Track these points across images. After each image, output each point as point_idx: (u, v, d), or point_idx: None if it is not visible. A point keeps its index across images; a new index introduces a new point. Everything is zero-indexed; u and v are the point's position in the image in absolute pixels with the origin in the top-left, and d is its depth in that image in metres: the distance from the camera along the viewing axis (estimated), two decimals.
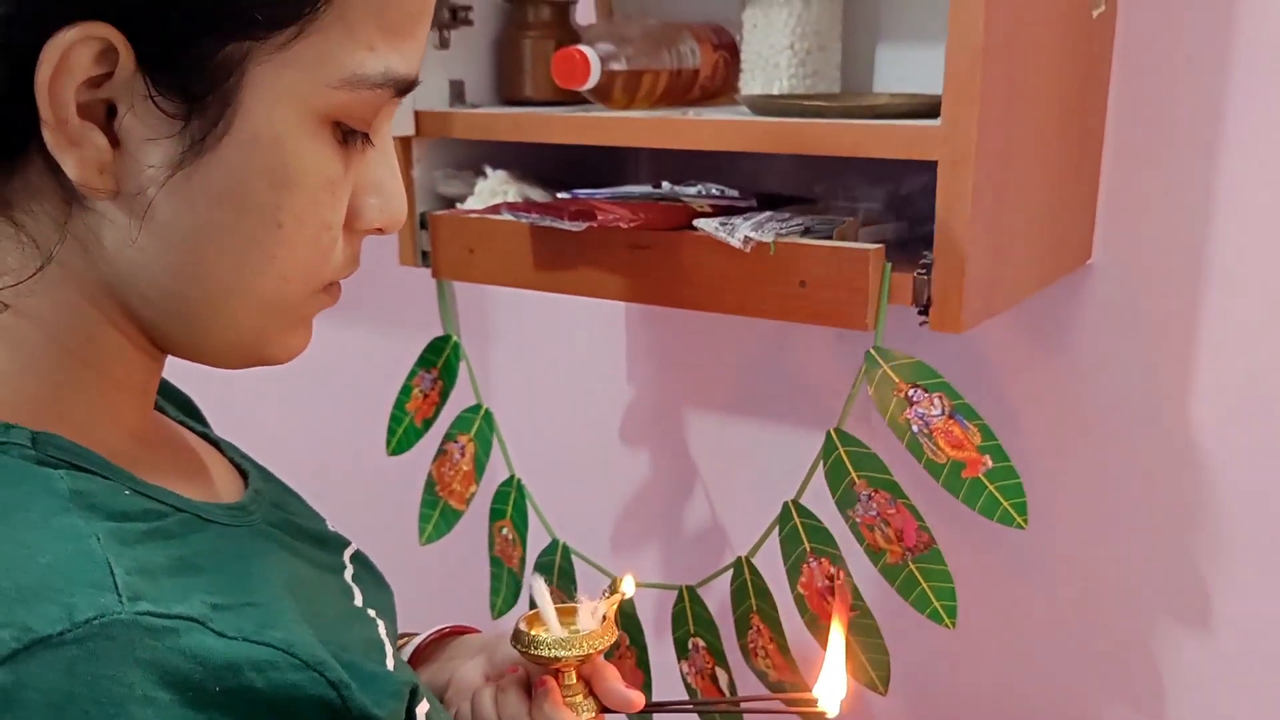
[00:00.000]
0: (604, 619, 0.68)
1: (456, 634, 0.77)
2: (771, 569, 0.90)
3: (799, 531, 0.86)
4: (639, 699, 0.68)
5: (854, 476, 0.81)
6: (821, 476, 0.83)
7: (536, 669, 0.68)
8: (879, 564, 0.82)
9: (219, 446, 0.64)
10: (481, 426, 1.06)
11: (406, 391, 1.07)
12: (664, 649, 1.03)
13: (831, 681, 0.69)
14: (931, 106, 0.73)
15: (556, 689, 0.66)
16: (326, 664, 0.45)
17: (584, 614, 0.68)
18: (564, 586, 1.06)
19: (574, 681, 0.67)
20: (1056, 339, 0.96)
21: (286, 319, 0.52)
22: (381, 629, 0.59)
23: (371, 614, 0.60)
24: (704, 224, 0.80)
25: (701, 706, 0.90)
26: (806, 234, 0.80)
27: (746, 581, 0.93)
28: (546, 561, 1.07)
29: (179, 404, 0.67)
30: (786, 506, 0.87)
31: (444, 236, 0.93)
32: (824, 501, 0.83)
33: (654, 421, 1.23)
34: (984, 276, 0.75)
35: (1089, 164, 0.90)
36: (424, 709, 0.55)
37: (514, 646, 0.67)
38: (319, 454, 1.46)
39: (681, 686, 1.02)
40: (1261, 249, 0.87)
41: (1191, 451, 0.93)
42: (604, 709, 0.68)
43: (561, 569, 1.06)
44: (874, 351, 0.79)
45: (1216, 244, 0.88)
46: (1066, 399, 0.97)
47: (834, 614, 0.75)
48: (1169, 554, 0.96)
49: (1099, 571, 0.99)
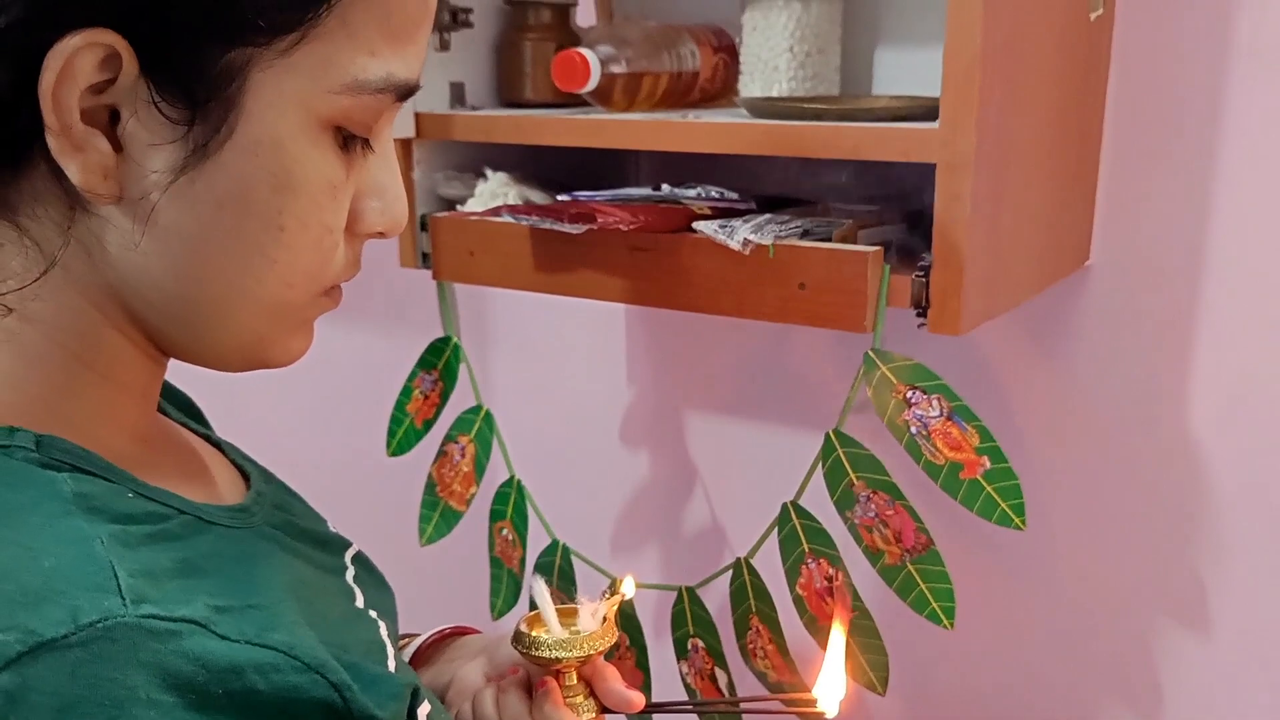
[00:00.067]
0: (604, 620, 0.68)
1: (457, 635, 0.77)
2: (770, 570, 0.90)
3: (798, 532, 0.86)
4: (639, 699, 0.68)
5: (853, 478, 0.81)
6: (820, 478, 0.83)
7: (537, 670, 0.68)
8: (877, 565, 0.82)
9: (220, 448, 0.64)
10: (481, 428, 1.06)
11: (407, 393, 1.07)
12: (663, 649, 1.03)
13: (831, 682, 0.69)
14: (930, 109, 0.73)
15: (557, 690, 0.66)
16: (328, 666, 0.46)
17: (584, 615, 0.68)
18: (564, 587, 1.06)
19: (575, 682, 0.67)
20: (1055, 340, 0.97)
21: (288, 322, 0.52)
22: (383, 630, 0.59)
23: (373, 615, 0.60)
24: (703, 226, 0.81)
25: (701, 707, 0.90)
26: (805, 236, 0.80)
27: (745, 582, 0.93)
28: (546, 562, 1.07)
29: (180, 405, 0.68)
30: (785, 508, 0.87)
31: (445, 238, 0.93)
32: (823, 503, 0.84)
33: (653, 423, 1.24)
34: (982, 279, 0.75)
35: (1087, 166, 0.90)
36: (425, 710, 0.55)
37: (515, 647, 0.67)
38: (319, 455, 1.46)
39: (681, 687, 1.02)
40: (1259, 250, 0.87)
41: (1189, 452, 0.93)
42: (604, 709, 0.68)
43: (561, 570, 1.06)
44: (872, 353, 0.79)
45: (1214, 245, 0.88)
46: (1065, 400, 0.97)
47: (833, 615, 0.75)
48: (1167, 554, 0.96)
49: (1097, 572, 1.00)
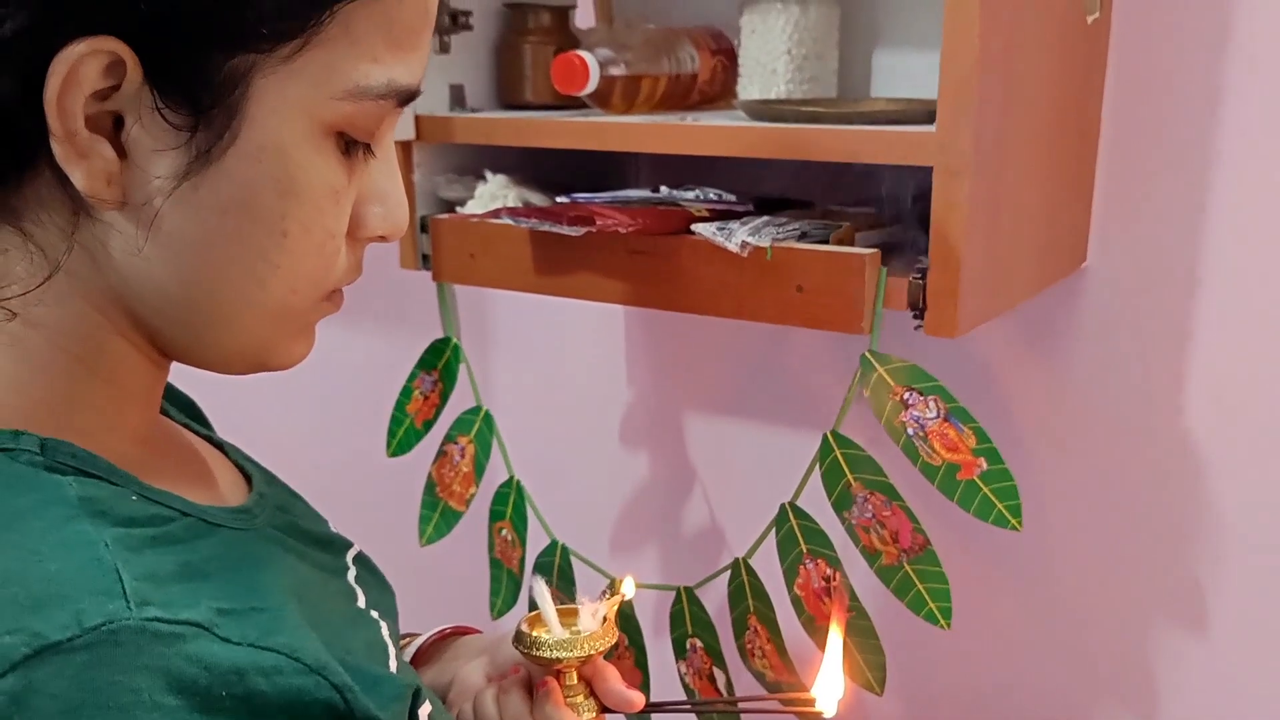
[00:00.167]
0: (604, 620, 0.68)
1: (458, 635, 0.77)
2: (769, 570, 0.91)
3: (796, 533, 0.87)
4: (639, 699, 0.68)
5: (850, 479, 0.82)
6: (818, 479, 0.84)
7: (538, 670, 0.69)
8: (875, 565, 0.82)
9: (222, 449, 0.65)
10: (481, 428, 1.06)
11: (407, 393, 1.08)
12: (662, 649, 1.04)
13: (829, 682, 0.69)
14: (927, 112, 0.73)
15: (558, 689, 0.67)
16: (330, 668, 0.46)
17: (585, 615, 0.68)
18: (563, 587, 1.06)
19: (575, 682, 0.68)
20: (1051, 342, 0.97)
21: (291, 326, 0.52)
22: (384, 630, 0.60)
23: (374, 615, 0.61)
24: (701, 229, 0.81)
25: (700, 707, 0.91)
26: (803, 239, 0.80)
27: (744, 583, 0.93)
28: (546, 562, 1.07)
29: (182, 406, 0.68)
30: (783, 508, 0.88)
31: (445, 240, 0.94)
32: (820, 503, 0.84)
33: (652, 424, 1.24)
34: (979, 281, 0.75)
35: (1084, 168, 0.91)
36: (426, 710, 0.55)
37: (516, 647, 0.68)
38: (319, 455, 1.46)
39: (679, 686, 1.02)
40: (1255, 252, 0.87)
41: (1185, 453, 0.93)
42: (605, 709, 0.69)
43: (560, 570, 1.07)
44: (870, 355, 0.79)
45: (1211, 248, 0.89)
46: (1061, 402, 0.98)
47: (831, 615, 0.75)
48: (1163, 555, 0.96)
49: (1093, 572, 1.00)
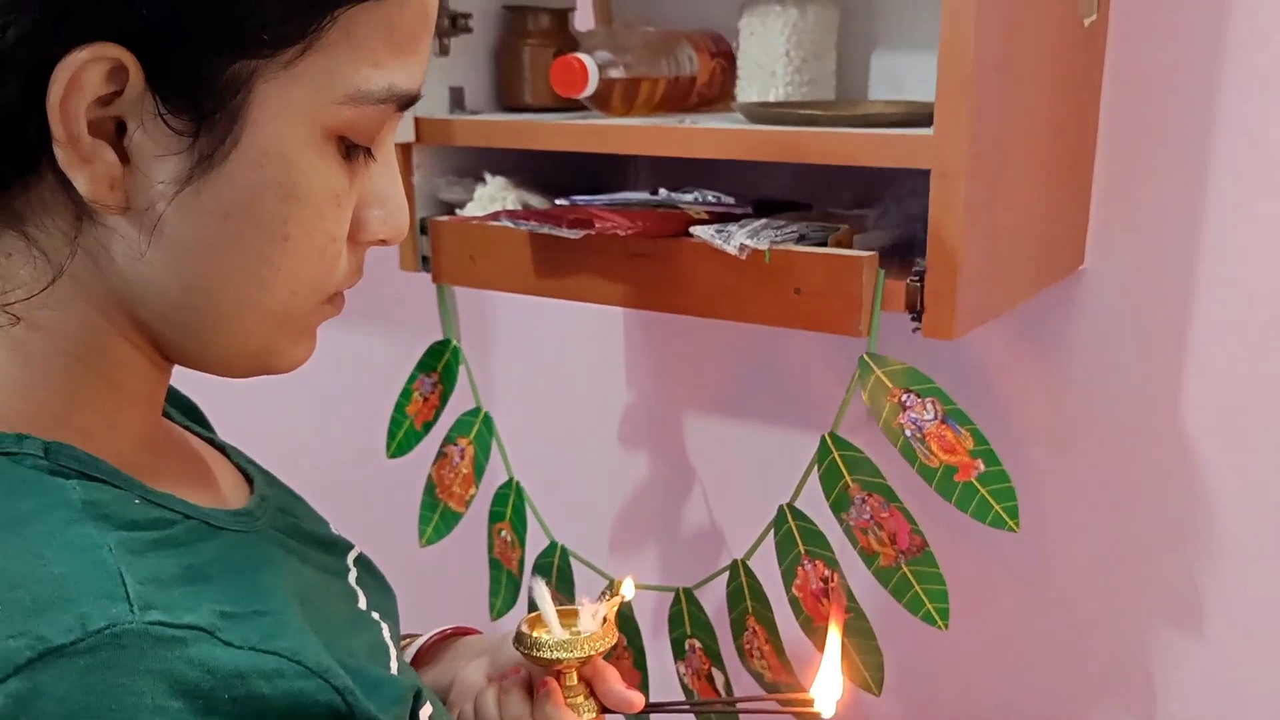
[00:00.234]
0: (604, 621, 0.69)
1: (459, 635, 0.78)
2: (767, 571, 0.91)
3: (794, 534, 0.87)
4: (639, 700, 0.69)
5: (848, 480, 0.82)
6: (816, 480, 0.84)
7: (538, 670, 0.69)
8: (873, 567, 0.82)
9: (224, 451, 0.65)
10: (481, 430, 1.06)
11: (406, 395, 1.08)
12: (661, 650, 1.04)
13: (827, 683, 0.70)
14: (925, 115, 0.73)
15: (558, 690, 0.67)
16: (332, 671, 0.46)
17: (585, 616, 0.69)
18: (562, 588, 1.07)
19: (575, 682, 0.68)
20: (1049, 344, 0.97)
21: (292, 330, 0.53)
22: (385, 632, 0.60)
23: (375, 617, 0.61)
24: (700, 231, 0.81)
25: (699, 707, 0.91)
26: (801, 241, 0.81)
27: (742, 584, 0.93)
28: (545, 563, 1.07)
29: (184, 409, 0.68)
30: (782, 510, 0.88)
31: (445, 242, 0.94)
32: (819, 505, 0.84)
33: (651, 425, 1.24)
34: (976, 283, 0.76)
35: (1081, 170, 0.91)
36: (427, 712, 0.56)
37: (516, 648, 0.68)
38: (320, 457, 1.47)
39: (678, 687, 1.03)
40: (1252, 254, 0.88)
41: (1182, 454, 0.94)
42: (605, 709, 0.69)
43: (560, 571, 1.07)
44: (867, 357, 0.80)
45: (1208, 249, 0.89)
46: (1059, 403, 0.98)
47: (829, 616, 0.76)
48: (1160, 556, 0.97)
49: (1090, 573, 1.00)
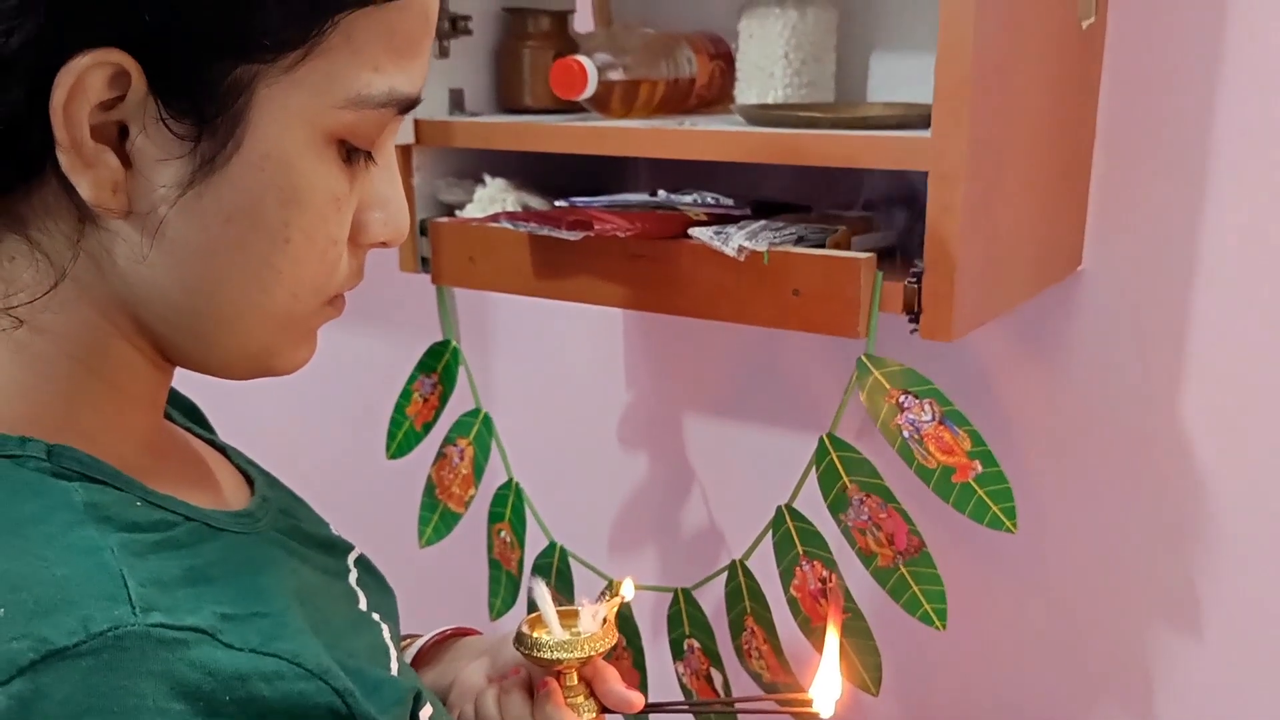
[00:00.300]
0: (604, 622, 0.69)
1: (459, 636, 0.78)
2: (765, 572, 0.91)
3: (792, 535, 0.87)
4: (639, 700, 0.69)
5: (846, 481, 0.82)
6: (814, 481, 0.84)
7: (539, 670, 0.69)
8: (870, 567, 0.82)
9: (225, 452, 0.65)
10: (480, 430, 1.06)
11: (406, 396, 1.08)
12: (660, 650, 1.04)
13: (826, 684, 0.70)
14: (923, 117, 0.73)
15: (558, 690, 0.67)
16: (331, 672, 0.47)
17: (585, 617, 0.69)
18: (561, 588, 1.07)
19: (575, 683, 0.68)
20: (1047, 345, 0.98)
21: (294, 332, 0.53)
22: (386, 633, 0.60)
23: (376, 618, 0.61)
24: (699, 233, 0.81)
25: (698, 707, 0.91)
26: (799, 243, 0.81)
27: (741, 584, 0.94)
28: (544, 564, 1.08)
29: (185, 410, 0.68)
30: (780, 510, 0.88)
31: (445, 244, 0.94)
32: (817, 506, 0.84)
33: (650, 426, 1.24)
34: (974, 285, 0.76)
35: (1079, 172, 0.91)
36: (428, 713, 0.56)
37: (516, 649, 0.68)
38: (319, 457, 1.47)
39: (677, 687, 1.03)
40: (1250, 255, 0.88)
41: (1181, 455, 0.94)
42: (605, 710, 0.69)
43: (559, 571, 1.07)
44: (865, 358, 0.80)
45: (1206, 250, 0.89)
46: (1057, 405, 0.98)
47: (828, 617, 0.76)
48: (1158, 557, 0.97)
49: (1088, 575, 1.01)
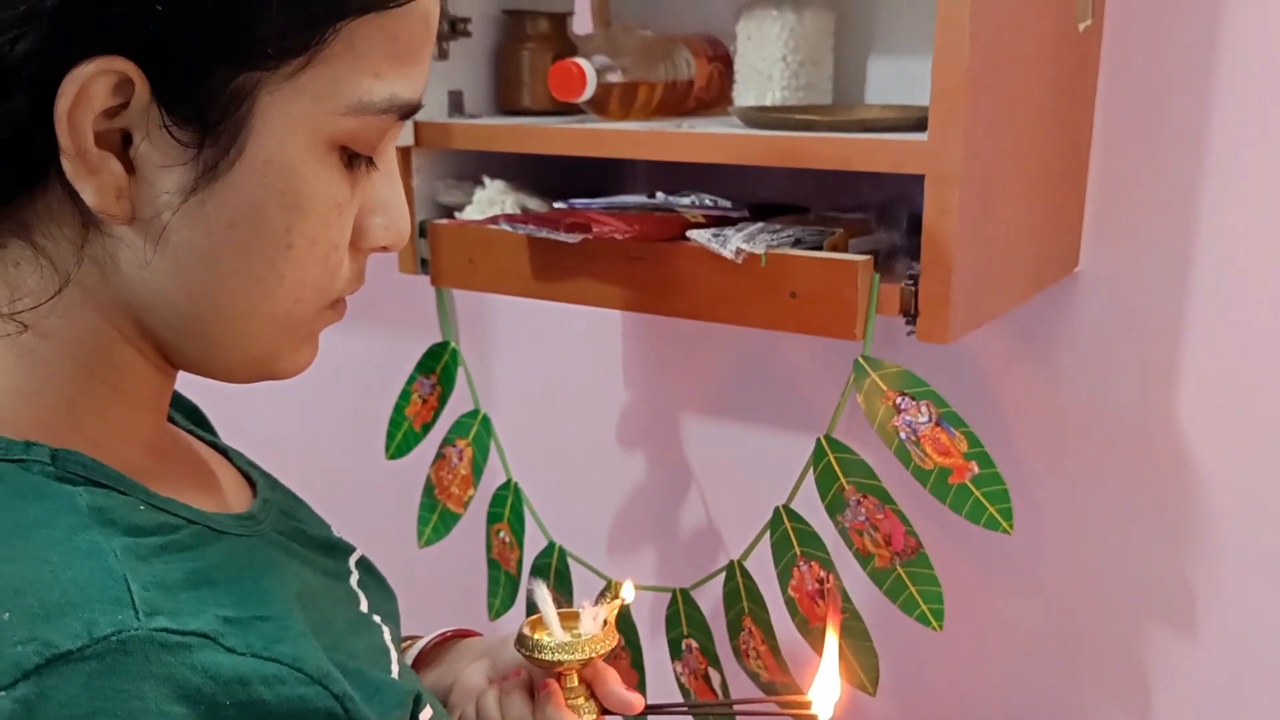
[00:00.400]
0: (605, 623, 0.69)
1: (459, 637, 0.78)
2: (763, 572, 0.91)
3: (790, 536, 0.88)
4: (639, 701, 0.69)
5: (843, 482, 0.83)
6: (812, 482, 0.84)
7: (539, 672, 0.69)
8: (868, 568, 0.83)
9: (227, 455, 0.65)
10: (479, 431, 1.07)
11: (405, 396, 1.08)
12: (658, 650, 1.05)
13: (825, 685, 0.70)
14: (921, 119, 0.74)
15: (559, 692, 0.67)
16: (331, 677, 0.47)
17: (585, 618, 0.69)
18: (560, 589, 1.07)
19: (576, 684, 0.68)
20: (1043, 346, 0.98)
21: (296, 336, 0.53)
22: (386, 635, 0.61)
23: (377, 620, 0.62)
24: (696, 235, 0.82)
25: (698, 709, 0.92)
26: (797, 245, 0.81)
27: (739, 585, 0.94)
28: (543, 564, 1.08)
29: (187, 413, 0.69)
30: (778, 511, 0.88)
31: (444, 245, 0.94)
32: (814, 507, 0.85)
33: (649, 427, 1.25)
34: (971, 287, 0.76)
35: (1076, 174, 0.92)
36: (428, 714, 0.56)
37: (517, 650, 0.68)
38: (319, 458, 1.47)
39: (675, 687, 1.03)
40: (1245, 257, 0.88)
41: (1177, 456, 0.94)
42: (605, 711, 0.70)
43: (558, 571, 1.07)
44: (863, 360, 0.80)
45: (1202, 252, 0.89)
46: (1053, 406, 0.99)
47: (826, 618, 0.76)
48: (1154, 557, 0.97)
49: (1084, 575, 1.01)
